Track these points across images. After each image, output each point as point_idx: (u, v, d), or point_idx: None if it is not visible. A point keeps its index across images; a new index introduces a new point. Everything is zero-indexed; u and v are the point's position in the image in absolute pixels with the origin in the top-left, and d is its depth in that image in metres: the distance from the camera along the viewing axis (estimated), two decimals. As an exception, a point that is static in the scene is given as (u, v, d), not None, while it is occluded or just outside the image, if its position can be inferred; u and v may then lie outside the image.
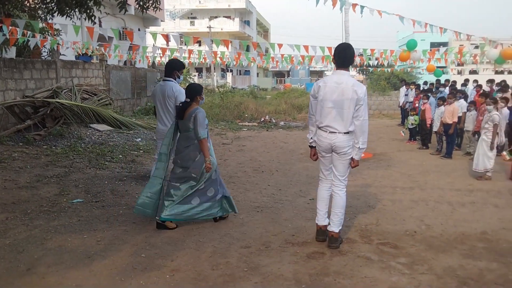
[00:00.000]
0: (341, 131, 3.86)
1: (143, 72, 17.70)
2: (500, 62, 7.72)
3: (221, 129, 13.39)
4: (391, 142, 11.78)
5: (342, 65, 3.96)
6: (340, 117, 3.85)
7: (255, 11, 60.01)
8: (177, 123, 4.54)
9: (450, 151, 9.25)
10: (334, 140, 3.91)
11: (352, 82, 3.86)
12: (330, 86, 3.87)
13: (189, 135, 4.42)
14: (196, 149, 4.43)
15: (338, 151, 3.95)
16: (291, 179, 7.07)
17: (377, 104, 21.22)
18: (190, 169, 4.44)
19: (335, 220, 4.06)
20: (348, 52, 3.97)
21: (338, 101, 3.83)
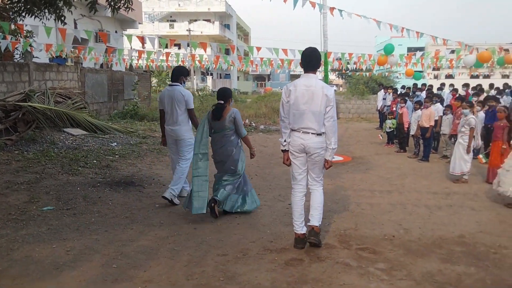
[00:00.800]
0: (314, 132, 3.94)
1: (120, 75, 17.40)
2: (478, 66, 7.83)
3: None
4: (370, 145, 11.85)
5: (309, 68, 4.03)
6: (313, 118, 3.93)
7: (235, 15, 60.02)
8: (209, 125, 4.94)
9: (427, 155, 9.34)
10: (307, 141, 3.97)
11: (321, 85, 3.95)
12: (300, 90, 3.93)
13: (225, 133, 4.93)
14: (232, 145, 4.95)
15: (311, 153, 4.00)
16: (270, 183, 6.99)
17: (356, 108, 21.40)
18: (228, 163, 4.98)
19: (315, 214, 4.11)
20: (314, 55, 4.05)
21: (309, 103, 3.91)
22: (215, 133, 4.98)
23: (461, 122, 7.38)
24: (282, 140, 4.17)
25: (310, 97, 3.89)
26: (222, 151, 4.94)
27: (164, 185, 6.56)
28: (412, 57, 9.85)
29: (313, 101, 3.89)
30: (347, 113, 21.34)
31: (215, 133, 4.98)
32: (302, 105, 3.92)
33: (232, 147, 4.94)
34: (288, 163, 4.20)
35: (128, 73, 18.50)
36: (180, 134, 5.46)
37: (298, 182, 4.19)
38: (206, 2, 54.24)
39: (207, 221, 4.88)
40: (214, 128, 4.97)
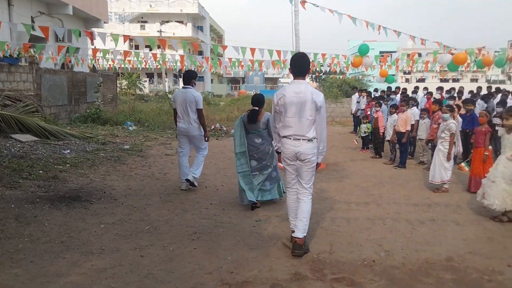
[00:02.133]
0: (305, 138, 3.93)
1: (82, 76, 16.37)
2: (452, 68, 7.43)
3: (167, 138, 12.44)
4: (344, 150, 11.36)
5: (299, 74, 4.03)
6: (303, 125, 3.91)
7: (209, 17, 59.20)
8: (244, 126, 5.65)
9: (404, 161, 8.89)
10: (298, 148, 3.96)
11: (310, 91, 3.92)
12: (290, 97, 3.92)
13: (261, 134, 5.65)
14: (269, 144, 5.64)
15: (303, 159, 4.00)
16: (237, 195, 6.32)
17: (330, 111, 21.02)
18: (266, 160, 5.68)
19: (299, 226, 4.08)
20: (304, 61, 4.04)
21: (299, 110, 3.90)
22: (250, 134, 5.67)
23: (440, 127, 6.92)
24: (274, 144, 4.37)
25: (300, 104, 3.89)
26: (261, 150, 5.65)
27: (116, 200, 5.80)
28: (388, 59, 9.41)
29: (303, 108, 3.88)
30: (321, 117, 20.88)
31: (251, 133, 5.67)
32: (292, 112, 3.92)
33: (269, 146, 5.63)
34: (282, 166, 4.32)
35: (91, 75, 17.48)
36: (191, 131, 6.32)
37: (291, 186, 4.29)
38: (179, 4, 53.29)
39: (157, 245, 4.17)
40: (248, 130, 5.67)
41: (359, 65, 8.53)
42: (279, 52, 8.00)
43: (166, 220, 4.96)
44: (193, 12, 52.52)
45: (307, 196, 4.15)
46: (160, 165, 8.37)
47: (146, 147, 10.54)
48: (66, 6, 16.31)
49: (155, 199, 5.96)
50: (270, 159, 5.70)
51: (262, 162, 5.68)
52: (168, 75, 49.26)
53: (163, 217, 5.08)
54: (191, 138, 6.44)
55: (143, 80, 45.86)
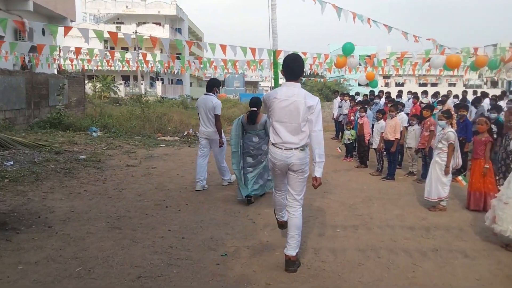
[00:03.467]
0: (297, 146, 3.66)
1: (44, 78, 15.09)
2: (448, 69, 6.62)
3: (133, 146, 11.33)
4: (327, 159, 10.37)
5: (291, 77, 3.74)
6: (295, 131, 3.65)
7: (187, 19, 58.03)
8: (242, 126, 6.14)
9: (393, 172, 8.05)
10: (290, 158, 3.70)
11: (303, 94, 3.65)
12: (281, 100, 3.65)
13: (259, 133, 6.08)
14: (265, 142, 5.97)
15: (295, 169, 3.75)
16: (202, 218, 5.32)
17: (311, 115, 20.14)
18: (261, 156, 6.08)
19: (291, 243, 3.82)
20: (296, 63, 3.76)
21: (291, 115, 3.63)
22: (249, 133, 6.13)
23: (437, 137, 6.08)
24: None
25: (292, 109, 3.62)
26: (258, 147, 6.07)
27: (51, 227, 4.72)
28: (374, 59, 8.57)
29: (295, 112, 3.62)
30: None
31: (248, 133, 6.13)
32: (283, 117, 3.66)
33: (266, 144, 5.93)
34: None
35: (54, 76, 16.18)
36: (211, 135, 6.74)
37: (280, 189, 4.11)
38: (156, 5, 52.02)
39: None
40: (247, 130, 6.14)
41: (343, 65, 7.67)
42: (253, 50, 7.05)
43: (106, 257, 3.92)
44: (171, 14, 51.35)
45: (297, 210, 3.89)
46: (117, 179, 7.29)
47: (106, 156, 9.43)
48: (26, 2, 15.02)
49: (100, 225, 4.90)
50: (264, 156, 6.04)
51: (256, 158, 6.10)
52: (145, 78, 47.85)
53: (103, 252, 4.04)
54: (211, 142, 6.84)
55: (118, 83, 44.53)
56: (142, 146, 11.42)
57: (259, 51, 6.91)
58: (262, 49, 7.04)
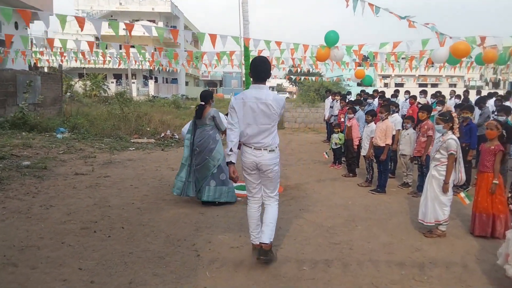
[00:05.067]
0: (266, 147, 3.75)
1: (11, 74, 13.91)
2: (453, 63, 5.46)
3: (97, 149, 10.15)
4: (312, 165, 9.31)
5: (259, 79, 3.79)
6: (263, 132, 3.73)
7: (183, 16, 56.88)
8: (194, 122, 5.90)
9: (383, 184, 6.87)
10: (259, 158, 3.76)
11: (271, 97, 3.74)
12: (249, 102, 3.72)
13: (205, 128, 5.79)
14: (210, 138, 5.74)
15: (264, 169, 3.81)
16: (133, 249, 4.15)
17: (303, 116, 19.01)
18: (204, 153, 5.73)
19: (266, 231, 3.88)
20: (264, 65, 3.82)
21: (260, 118, 3.71)
22: (198, 128, 5.81)
23: (434, 145, 4.90)
24: (227, 150, 3.79)
25: (261, 111, 3.70)
26: (201, 143, 5.72)
27: None
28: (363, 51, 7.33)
29: (262, 114, 3.71)
30: (293, 122, 18.92)
31: (198, 128, 5.82)
32: (252, 119, 3.72)
33: (210, 139, 5.71)
34: (235, 176, 3.78)
35: (24, 72, 14.98)
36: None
37: (253, 195, 4.02)
38: (150, 2, 50.97)
39: None
40: (198, 125, 5.84)
41: (325, 58, 6.48)
42: (214, 37, 5.85)
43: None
44: (165, 11, 50.29)
45: (274, 203, 4.02)
46: (53, 192, 6.11)
47: (58, 162, 8.25)
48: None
49: (-13, 262, 3.72)
50: (209, 152, 5.70)
51: (201, 154, 5.72)
52: (138, 77, 46.71)
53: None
54: None
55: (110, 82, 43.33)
56: (108, 149, 10.24)
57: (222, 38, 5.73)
58: (225, 37, 5.86)
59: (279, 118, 3.82)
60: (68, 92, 32.36)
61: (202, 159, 5.72)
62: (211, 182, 5.72)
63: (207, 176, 5.71)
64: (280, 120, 14.67)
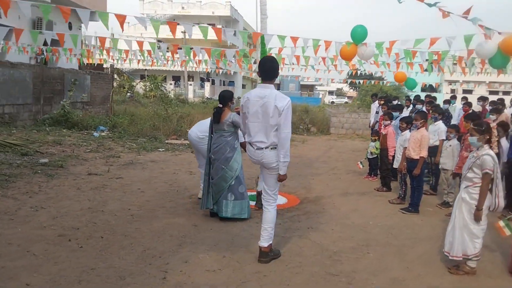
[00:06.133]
0: (267, 146, 3.82)
1: (59, 72, 14.36)
2: (498, 64, 4.49)
3: (126, 149, 10.04)
4: (345, 176, 8.48)
5: (266, 78, 3.86)
6: (265, 131, 3.81)
7: (242, 20, 57.26)
8: (211, 125, 5.16)
9: (416, 202, 5.93)
10: (261, 157, 3.87)
11: (274, 95, 3.75)
12: (253, 101, 3.82)
13: (222, 134, 5.06)
14: (227, 145, 5.05)
15: (267, 167, 3.91)
16: (100, 264, 3.71)
17: (351, 122, 17.96)
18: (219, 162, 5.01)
19: (264, 235, 3.94)
20: (271, 65, 3.89)
21: (261, 116, 3.79)
22: (215, 134, 5.15)
23: (467, 161, 3.99)
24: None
25: (262, 109, 3.78)
26: (217, 149, 5.06)
27: None
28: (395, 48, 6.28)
29: (265, 113, 3.77)
30: (340, 128, 17.94)
31: (215, 133, 5.15)
32: (254, 117, 3.84)
33: (227, 147, 5.06)
34: None
35: (72, 71, 15.44)
36: None
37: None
38: (211, 6, 51.90)
39: None
40: (215, 129, 5.16)
41: (351, 56, 5.71)
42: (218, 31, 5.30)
43: None
44: (225, 15, 50.96)
45: (271, 204, 3.99)
46: (54, 192, 5.88)
47: (79, 160, 8.15)
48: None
49: None
50: (225, 162, 5.01)
51: (216, 163, 5.05)
52: (195, 79, 47.61)
53: None
54: None
55: (169, 83, 44.57)
56: (136, 149, 10.08)
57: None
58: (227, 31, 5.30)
59: (283, 118, 3.69)
60: (129, 93, 33.54)
61: (218, 169, 5.04)
62: (229, 195, 5.03)
63: (224, 188, 5.03)
64: (326, 126, 13.83)
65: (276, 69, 3.93)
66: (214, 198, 5.09)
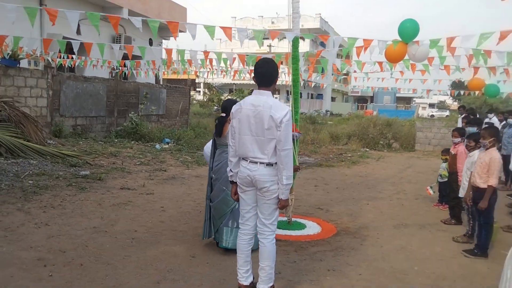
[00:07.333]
0: (263, 161, 3.23)
1: (134, 86, 14.88)
2: None
3: (181, 162, 9.80)
4: (410, 202, 7.19)
5: (262, 83, 3.31)
6: (260, 145, 3.23)
7: (333, 32, 56.16)
8: (214, 140, 4.46)
9: (484, 244, 4.58)
10: (254, 172, 3.26)
11: (270, 104, 3.18)
12: (246, 110, 3.26)
13: (224, 149, 4.26)
14: None
15: (259, 186, 3.27)
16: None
17: (439, 137, 15.95)
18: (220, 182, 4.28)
19: (262, 276, 3.32)
20: (267, 67, 3.32)
21: (255, 127, 3.22)
22: (218, 149, 4.42)
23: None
24: (228, 170, 3.49)
25: (256, 120, 3.20)
26: (219, 167, 4.29)
27: None
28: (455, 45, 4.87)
29: (259, 124, 3.20)
30: (426, 144, 16.05)
31: (218, 149, 4.42)
32: (247, 129, 3.25)
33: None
34: (235, 198, 3.50)
35: (147, 85, 15.93)
36: None
37: (245, 221, 3.43)
38: (300, 18, 51.52)
39: None
40: (217, 144, 4.42)
41: (400, 58, 4.61)
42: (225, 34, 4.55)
43: None
44: (314, 27, 50.44)
45: (268, 237, 3.31)
46: (70, 208, 5.65)
47: (122, 173, 8.03)
48: (119, 10, 15.12)
49: None
50: (226, 183, 4.06)
51: (217, 184, 4.32)
52: (281, 92, 47.58)
53: None
54: None
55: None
56: (189, 163, 9.78)
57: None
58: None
59: (282, 132, 3.12)
60: (215, 106, 34.52)
61: (219, 191, 4.29)
62: (230, 222, 4.26)
63: (225, 213, 4.27)
64: (411, 141, 12.26)
65: (272, 73, 3.33)
66: (215, 225, 4.36)
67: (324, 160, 11.89)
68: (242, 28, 5.35)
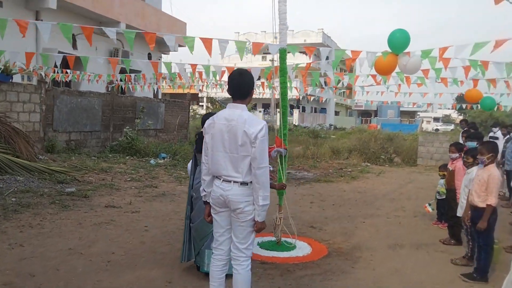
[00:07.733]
0: (237, 180, 3.01)
1: (130, 100, 14.75)
2: None
3: (174, 178, 9.56)
4: (408, 220, 6.88)
5: (236, 96, 3.11)
6: (233, 163, 3.02)
7: (335, 47, 56.25)
8: (195, 156, 4.20)
9: (483, 267, 4.27)
10: (227, 192, 3.03)
11: (244, 118, 3.00)
12: (219, 124, 3.06)
13: None
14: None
15: (233, 207, 3.04)
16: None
17: (442, 152, 15.60)
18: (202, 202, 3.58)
19: None
20: (241, 79, 3.13)
21: (229, 142, 3.02)
22: (198, 166, 4.05)
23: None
24: (201, 189, 3.27)
25: (229, 135, 3.01)
26: (199, 186, 3.66)
27: None
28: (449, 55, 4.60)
29: (232, 140, 3.00)
30: (428, 159, 15.71)
31: (198, 166, 4.05)
32: (220, 145, 3.05)
33: None
34: (209, 220, 3.26)
35: (145, 99, 15.80)
36: None
37: (218, 245, 3.20)
38: (303, 34, 51.98)
39: None
40: (199, 161, 3.96)
41: (391, 70, 4.38)
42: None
43: None
44: (317, 42, 50.57)
45: (242, 263, 3.07)
46: (49, 228, 5.39)
47: (109, 190, 7.77)
48: (117, 24, 15.08)
49: None
50: None
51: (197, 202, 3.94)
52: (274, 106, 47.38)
53: None
54: None
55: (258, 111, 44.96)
56: (183, 178, 9.53)
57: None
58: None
59: (257, 148, 2.92)
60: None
61: (200, 210, 3.88)
62: (212, 244, 3.65)
63: (207, 234, 3.91)
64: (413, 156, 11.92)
65: (246, 85, 3.12)
66: (196, 247, 4.06)
67: (323, 175, 11.59)
68: (223, 39, 5.11)
